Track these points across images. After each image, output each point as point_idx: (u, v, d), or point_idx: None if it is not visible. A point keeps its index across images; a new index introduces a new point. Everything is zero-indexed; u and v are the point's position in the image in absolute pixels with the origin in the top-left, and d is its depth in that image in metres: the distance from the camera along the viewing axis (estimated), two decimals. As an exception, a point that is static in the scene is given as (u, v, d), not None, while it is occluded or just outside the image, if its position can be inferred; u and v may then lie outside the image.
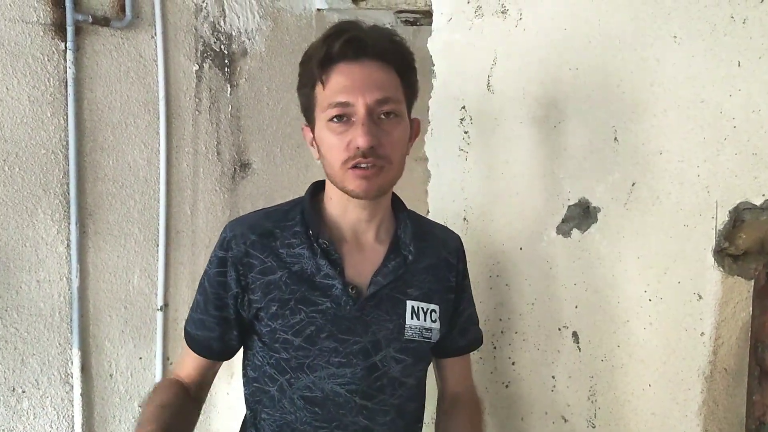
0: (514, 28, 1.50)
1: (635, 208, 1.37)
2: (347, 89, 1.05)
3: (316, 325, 1.11)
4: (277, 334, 1.12)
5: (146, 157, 2.03)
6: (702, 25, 1.26)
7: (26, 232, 1.81)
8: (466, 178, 1.61)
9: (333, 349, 1.12)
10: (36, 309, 1.85)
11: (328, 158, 1.08)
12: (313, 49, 1.09)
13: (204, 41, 2.15)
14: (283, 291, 1.11)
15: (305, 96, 1.12)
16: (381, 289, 1.14)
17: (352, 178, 1.06)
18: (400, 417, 1.19)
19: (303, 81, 1.12)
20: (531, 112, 1.49)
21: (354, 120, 1.05)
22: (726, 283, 1.28)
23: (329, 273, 1.12)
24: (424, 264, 1.20)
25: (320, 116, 1.09)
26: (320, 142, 1.10)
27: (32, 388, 1.86)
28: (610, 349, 1.42)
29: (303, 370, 1.12)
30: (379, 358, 1.14)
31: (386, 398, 1.16)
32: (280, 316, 1.11)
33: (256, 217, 1.18)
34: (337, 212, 1.16)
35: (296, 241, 1.13)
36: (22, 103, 1.76)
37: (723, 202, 1.27)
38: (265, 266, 1.12)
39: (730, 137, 1.25)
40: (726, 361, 1.31)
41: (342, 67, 1.06)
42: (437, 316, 1.19)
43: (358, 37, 1.06)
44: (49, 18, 1.79)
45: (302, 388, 1.13)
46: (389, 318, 1.15)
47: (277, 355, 1.13)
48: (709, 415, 1.32)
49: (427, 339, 1.18)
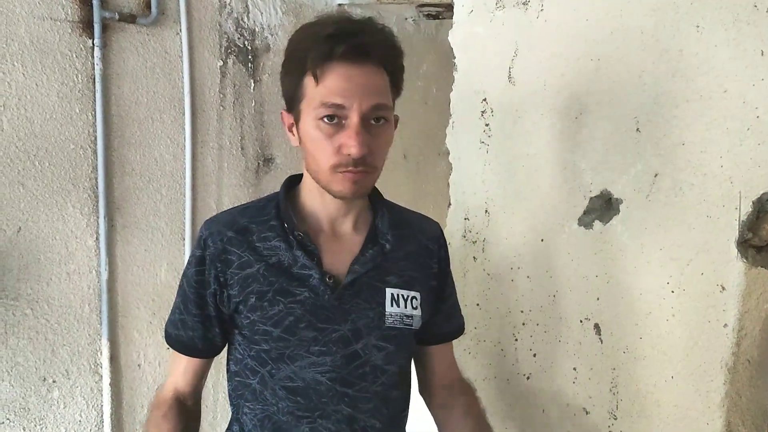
0: (536, 19, 1.50)
1: (657, 199, 1.36)
2: (344, 92, 1.04)
3: (294, 316, 1.11)
4: (256, 325, 1.12)
5: (172, 152, 2.07)
6: (725, 15, 1.25)
7: (56, 225, 1.85)
8: (487, 170, 1.61)
9: (312, 338, 1.12)
10: (66, 301, 1.89)
11: (316, 157, 1.08)
12: (310, 40, 1.06)
13: (228, 37, 2.18)
14: (261, 283, 1.12)
15: (291, 83, 1.10)
16: (359, 277, 1.14)
17: (340, 181, 1.07)
18: (383, 405, 1.19)
19: (291, 67, 1.10)
20: (552, 104, 1.49)
21: (345, 123, 1.05)
22: (749, 275, 1.27)
23: (306, 263, 1.12)
24: (403, 252, 1.20)
25: (308, 110, 1.07)
26: (306, 137, 1.09)
27: (62, 378, 1.91)
28: (632, 341, 1.41)
29: (283, 360, 1.13)
30: (360, 346, 1.14)
31: (368, 386, 1.16)
32: (258, 308, 1.12)
33: (231, 214, 1.18)
34: (315, 204, 1.16)
35: (272, 234, 1.14)
36: (51, 99, 1.80)
37: (746, 193, 1.26)
38: (242, 261, 1.13)
39: (753, 127, 1.24)
40: (749, 353, 1.30)
41: (340, 69, 1.04)
42: (418, 303, 1.20)
43: (362, 43, 1.04)
44: (77, 15, 1.83)
45: (283, 379, 1.14)
46: (369, 306, 1.15)
47: (257, 347, 1.14)
48: (732, 406, 1.31)
49: (408, 326, 1.18)
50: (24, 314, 1.82)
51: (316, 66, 1.04)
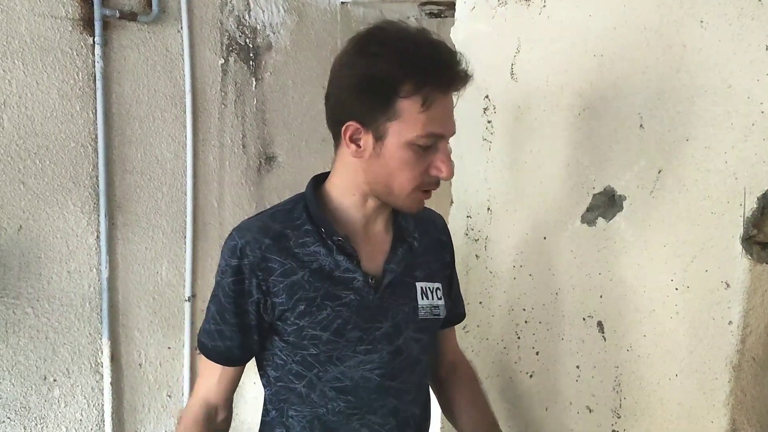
0: (538, 15, 1.49)
1: (661, 196, 1.35)
2: (445, 122, 1.09)
3: (342, 318, 1.14)
4: (304, 331, 1.13)
5: (173, 150, 2.07)
6: (729, 9, 1.24)
7: (57, 223, 1.85)
8: (490, 168, 1.60)
9: (359, 338, 1.15)
10: (67, 299, 1.89)
11: (398, 176, 1.09)
12: (410, 64, 1.03)
13: (229, 35, 2.18)
14: (307, 290, 1.13)
15: (377, 101, 1.05)
16: (395, 275, 1.19)
17: (416, 200, 1.12)
18: (420, 393, 1.26)
19: (377, 85, 1.05)
20: (555, 101, 1.48)
21: (433, 146, 1.09)
22: (754, 271, 1.26)
23: (349, 267, 1.14)
24: (424, 246, 1.26)
25: (401, 132, 1.06)
26: (391, 156, 1.07)
27: (63, 377, 1.90)
28: (636, 339, 1.40)
29: (332, 362, 1.15)
30: (401, 341, 1.19)
31: (408, 376, 1.21)
32: (307, 314, 1.13)
33: (261, 220, 1.17)
34: (351, 207, 1.17)
35: (309, 239, 1.14)
36: (51, 97, 1.80)
37: (751, 189, 1.25)
38: (285, 268, 1.13)
39: (758, 123, 1.23)
40: (754, 350, 1.29)
41: (445, 100, 1.08)
42: (441, 293, 1.26)
43: (465, 75, 1.07)
44: (78, 13, 1.82)
45: (332, 380, 1.16)
46: (404, 302, 1.20)
47: (304, 351, 1.15)
48: (737, 405, 1.30)
49: (436, 316, 1.25)
50: (25, 313, 1.82)
51: (426, 93, 1.04)
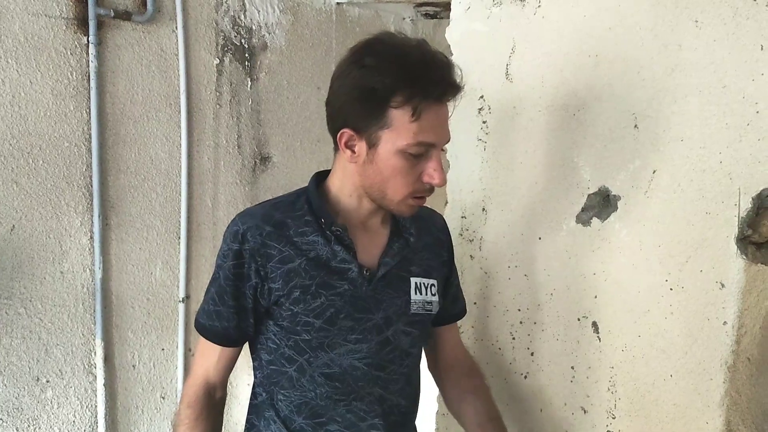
0: (533, 15, 1.49)
1: (656, 196, 1.35)
2: (437, 131, 1.12)
3: (335, 307, 1.18)
4: (298, 317, 1.18)
5: (168, 150, 2.06)
6: (724, 9, 1.24)
7: (50, 223, 1.84)
8: (485, 168, 1.60)
9: (350, 327, 1.20)
10: (60, 300, 1.88)
11: (392, 183, 1.13)
12: (403, 73, 1.06)
13: (224, 35, 2.17)
14: (303, 277, 1.17)
15: (370, 109, 1.09)
16: (390, 269, 1.23)
17: (409, 205, 1.16)
18: (408, 384, 1.30)
19: (371, 94, 1.08)
20: (550, 101, 1.48)
21: (425, 154, 1.12)
22: (749, 271, 1.26)
23: (345, 257, 1.19)
24: (422, 243, 1.30)
25: (393, 140, 1.10)
26: (383, 163, 1.12)
27: (56, 378, 1.89)
28: (631, 339, 1.40)
29: (323, 348, 1.19)
30: (390, 333, 1.23)
31: (396, 368, 1.26)
32: (302, 300, 1.17)
33: (264, 208, 1.22)
34: (350, 204, 1.22)
35: (309, 229, 1.19)
36: (45, 96, 1.79)
37: (746, 189, 1.25)
38: (283, 255, 1.17)
39: (753, 123, 1.23)
40: (749, 351, 1.29)
41: (437, 108, 1.11)
42: (436, 289, 1.30)
43: (456, 85, 1.11)
44: (72, 12, 1.82)
45: (321, 366, 1.20)
46: (397, 295, 1.24)
47: (297, 336, 1.19)
48: (732, 405, 1.30)
49: (428, 311, 1.29)
50: (17, 313, 1.81)
51: (416, 103, 1.08)
